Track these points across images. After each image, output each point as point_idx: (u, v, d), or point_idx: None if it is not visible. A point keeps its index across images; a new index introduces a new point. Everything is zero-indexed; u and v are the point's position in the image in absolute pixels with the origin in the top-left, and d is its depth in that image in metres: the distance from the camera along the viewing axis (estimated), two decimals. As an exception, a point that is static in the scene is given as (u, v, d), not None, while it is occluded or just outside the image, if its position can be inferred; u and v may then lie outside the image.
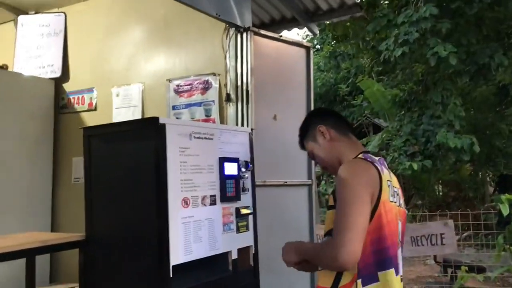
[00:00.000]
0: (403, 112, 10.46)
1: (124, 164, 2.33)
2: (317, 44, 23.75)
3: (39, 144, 4.14)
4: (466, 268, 5.31)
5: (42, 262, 3.92)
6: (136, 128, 2.33)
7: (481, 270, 6.20)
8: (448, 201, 13.71)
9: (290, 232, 3.49)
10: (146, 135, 2.24)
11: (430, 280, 7.74)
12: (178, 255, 2.21)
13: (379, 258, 1.54)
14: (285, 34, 4.17)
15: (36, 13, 4.42)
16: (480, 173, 13.08)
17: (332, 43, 12.93)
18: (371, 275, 1.52)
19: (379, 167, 1.60)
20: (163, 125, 2.20)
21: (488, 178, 13.40)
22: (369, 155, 1.68)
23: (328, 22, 10.15)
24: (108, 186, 2.39)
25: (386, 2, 10.24)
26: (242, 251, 2.65)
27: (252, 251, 2.73)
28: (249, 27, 3.28)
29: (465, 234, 9.55)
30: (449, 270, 7.26)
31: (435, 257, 7.06)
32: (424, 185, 12.95)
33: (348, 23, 10.18)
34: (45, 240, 2.30)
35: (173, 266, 2.18)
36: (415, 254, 4.15)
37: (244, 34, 3.27)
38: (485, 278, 5.87)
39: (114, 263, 2.34)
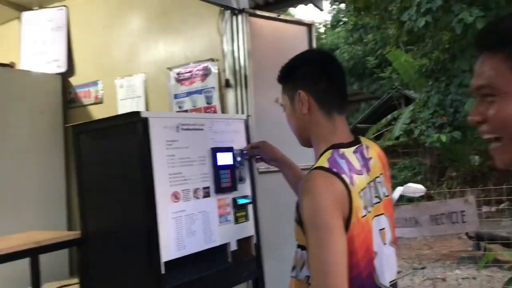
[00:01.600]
0: (430, 82, 10.11)
1: (112, 161, 2.29)
2: (343, 17, 23.29)
3: (50, 140, 4.17)
4: (496, 244, 5.12)
5: (62, 255, 3.97)
6: (120, 124, 2.27)
7: (515, 243, 5.98)
8: (484, 171, 13.26)
9: (298, 218, 3.41)
10: (130, 130, 2.17)
11: (463, 255, 7.54)
12: (170, 251, 2.16)
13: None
14: (300, 11, 4.02)
15: (39, 8, 4.42)
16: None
17: (354, 15, 12.54)
18: None
19: (347, 179, 1.36)
20: (146, 119, 2.13)
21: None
22: (339, 154, 1.42)
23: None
24: (98, 183, 2.35)
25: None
26: (243, 242, 2.58)
27: (254, 241, 2.66)
28: (243, 9, 3.16)
29: (502, 205, 9.25)
30: (482, 244, 7.06)
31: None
32: (458, 156, 12.59)
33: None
34: (38, 241, 2.30)
35: (166, 262, 2.14)
36: (435, 233, 3.99)
37: (239, 16, 3.16)
38: (518, 252, 5.65)
39: (109, 261, 2.32)
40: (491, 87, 0.87)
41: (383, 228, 1.51)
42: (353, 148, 1.50)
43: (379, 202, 1.51)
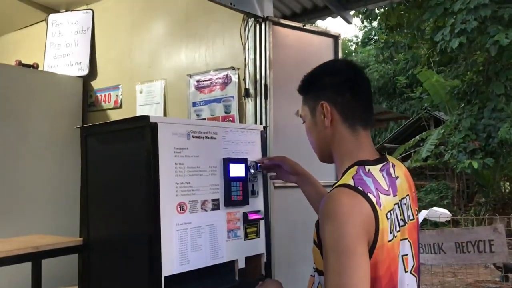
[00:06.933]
0: (462, 105, 9.79)
1: (118, 166, 2.19)
2: (375, 35, 23.06)
3: (67, 143, 4.12)
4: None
5: (71, 260, 3.90)
6: (128, 128, 2.17)
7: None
8: (515, 198, 12.75)
9: (314, 237, 3.25)
10: (138, 135, 2.07)
11: (490, 285, 7.18)
12: (172, 265, 2.04)
13: None
14: (330, 24, 3.90)
15: (66, 11, 4.42)
16: (551, 169, 12.04)
17: (385, 33, 12.33)
18: None
19: (374, 199, 1.21)
20: (155, 124, 2.02)
21: (560, 174, 12.32)
22: (365, 172, 1.28)
23: (380, 11, 9.73)
24: (103, 188, 2.26)
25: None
26: (252, 260, 2.43)
27: (264, 259, 2.50)
28: (267, 17, 3.05)
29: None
30: (511, 275, 6.70)
31: (494, 261, 6.52)
32: (488, 181, 12.15)
33: (402, 12, 9.67)
34: (38, 246, 2.21)
35: (166, 277, 2.01)
36: (460, 261, 3.75)
37: (263, 24, 3.05)
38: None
39: (108, 271, 2.21)
40: None
41: (406, 255, 1.36)
42: (380, 166, 1.35)
43: (404, 226, 1.36)
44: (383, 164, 1.37)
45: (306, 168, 3.26)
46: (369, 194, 1.21)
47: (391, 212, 1.28)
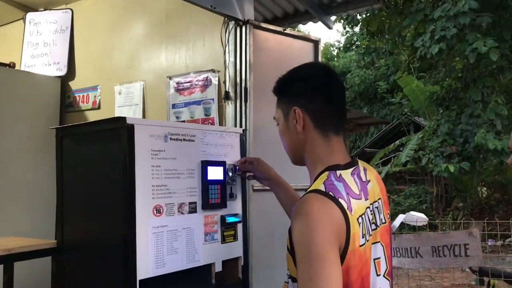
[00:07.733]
0: (441, 110, 9.94)
1: (94, 168, 2.17)
2: (357, 40, 23.29)
3: (45, 145, 4.04)
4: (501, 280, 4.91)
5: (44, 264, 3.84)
6: (104, 129, 2.15)
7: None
8: (491, 203, 12.99)
9: (293, 241, 3.25)
10: (114, 136, 2.05)
11: (465, 289, 7.28)
12: (147, 268, 2.02)
13: None
14: (313, 29, 3.90)
15: (45, 10, 4.36)
16: (527, 175, 12.28)
17: (367, 39, 12.45)
18: None
19: (344, 204, 1.22)
20: (132, 126, 2.01)
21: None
22: (336, 177, 1.29)
23: (362, 17, 9.82)
24: (78, 190, 2.23)
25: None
26: (229, 263, 2.43)
27: (241, 262, 2.50)
28: (248, 20, 3.05)
29: (508, 240, 9.01)
30: (486, 279, 6.80)
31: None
32: (466, 187, 12.35)
33: (383, 18, 9.78)
34: (10, 249, 2.16)
35: (141, 281, 1.99)
36: (436, 265, 3.79)
37: (243, 28, 3.05)
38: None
39: (82, 274, 2.18)
40: None
41: (378, 258, 1.37)
42: (351, 170, 1.35)
43: (375, 229, 1.37)
44: (353, 168, 1.37)
45: (285, 172, 3.26)
46: (340, 200, 1.22)
47: (363, 216, 1.28)
